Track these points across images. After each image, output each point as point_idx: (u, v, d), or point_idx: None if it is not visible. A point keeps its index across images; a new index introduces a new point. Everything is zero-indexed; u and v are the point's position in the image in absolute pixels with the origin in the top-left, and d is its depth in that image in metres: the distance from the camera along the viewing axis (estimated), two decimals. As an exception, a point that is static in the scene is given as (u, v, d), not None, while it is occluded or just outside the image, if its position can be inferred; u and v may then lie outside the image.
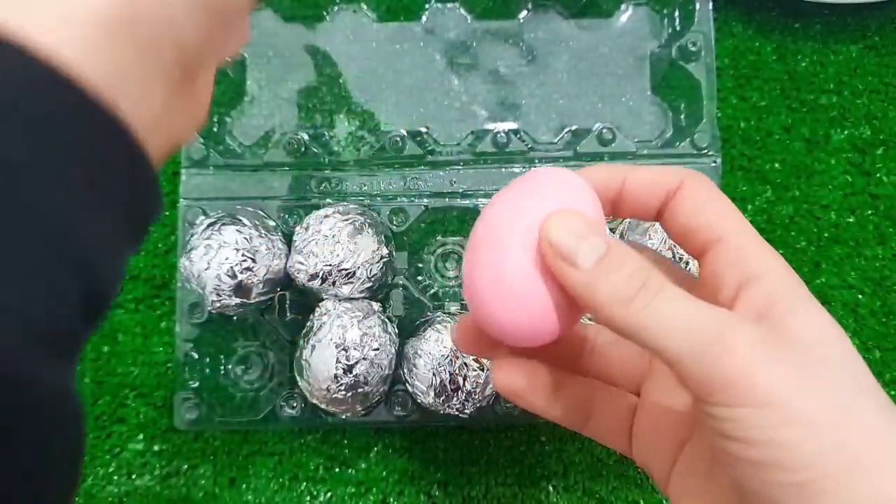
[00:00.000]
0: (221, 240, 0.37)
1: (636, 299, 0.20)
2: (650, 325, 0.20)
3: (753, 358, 0.19)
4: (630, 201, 0.25)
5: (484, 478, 0.41)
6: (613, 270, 0.21)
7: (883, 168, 0.44)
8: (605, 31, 0.44)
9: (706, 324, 0.20)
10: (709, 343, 0.20)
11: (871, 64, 0.45)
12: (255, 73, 0.44)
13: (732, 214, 0.23)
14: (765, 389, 0.19)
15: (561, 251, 0.21)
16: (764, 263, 0.22)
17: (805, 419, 0.19)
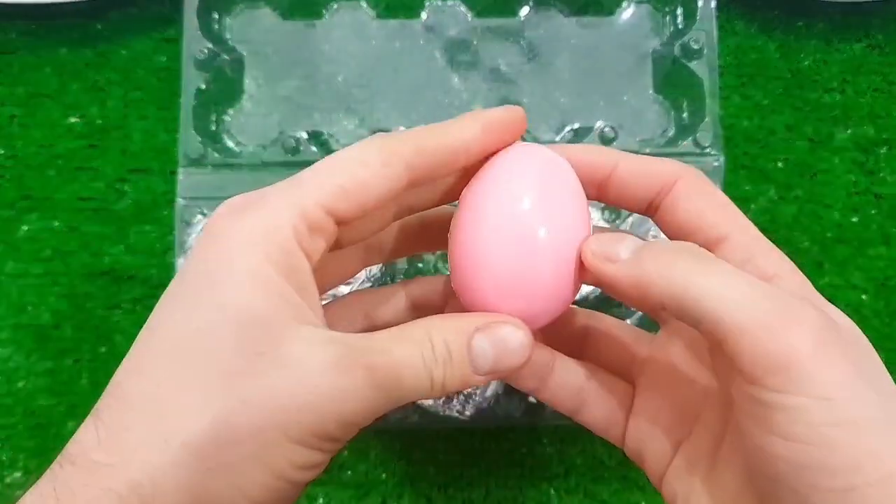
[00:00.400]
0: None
1: (688, 265, 0.20)
2: (707, 289, 0.19)
3: (818, 345, 0.18)
4: (619, 189, 0.24)
5: (484, 480, 0.41)
6: (655, 251, 0.21)
7: (887, 167, 0.44)
8: (606, 28, 0.44)
9: (770, 295, 0.19)
10: (775, 315, 0.18)
11: (874, 62, 0.45)
12: (254, 72, 0.44)
13: (735, 212, 0.23)
14: (827, 381, 0.18)
15: (602, 253, 0.21)
16: (774, 264, 0.22)
17: (857, 419, 0.18)
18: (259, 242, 0.20)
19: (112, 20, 0.45)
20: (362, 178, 0.21)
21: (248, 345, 0.19)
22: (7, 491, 0.41)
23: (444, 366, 0.21)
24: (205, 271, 0.20)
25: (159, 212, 0.43)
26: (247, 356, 0.19)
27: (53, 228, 0.43)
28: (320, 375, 0.19)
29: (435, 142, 0.22)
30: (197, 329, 0.19)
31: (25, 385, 0.42)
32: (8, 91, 0.45)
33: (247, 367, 0.19)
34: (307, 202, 0.20)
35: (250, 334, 0.19)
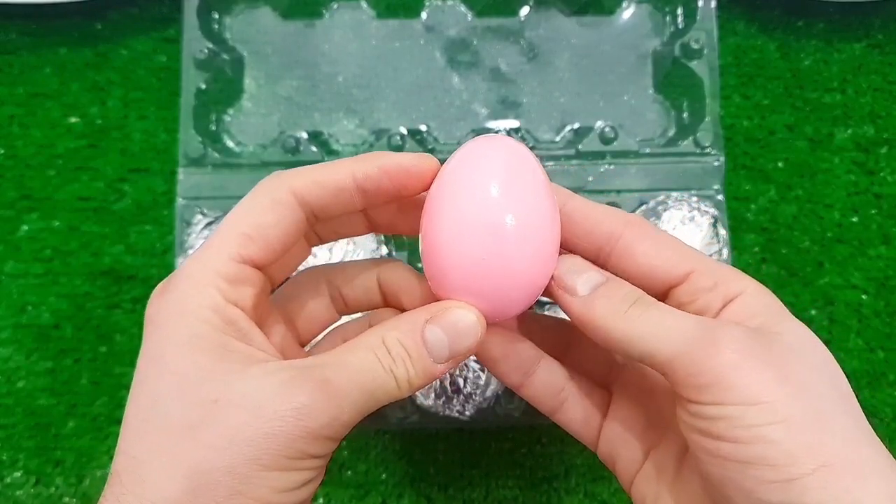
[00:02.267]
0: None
1: (629, 311, 0.22)
2: (642, 332, 0.22)
3: (741, 356, 0.20)
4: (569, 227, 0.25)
5: (484, 480, 0.41)
6: (606, 293, 0.23)
7: (887, 167, 0.44)
8: (606, 28, 0.44)
9: (695, 325, 0.21)
10: (698, 342, 0.21)
11: (874, 62, 0.45)
12: (254, 71, 0.44)
13: (692, 250, 0.24)
14: (752, 388, 0.20)
15: (562, 283, 0.23)
16: (740, 284, 0.23)
17: (788, 418, 0.19)
18: (189, 311, 0.21)
19: (112, 20, 0.45)
20: (260, 221, 0.22)
21: (200, 398, 0.20)
22: (7, 490, 0.41)
23: (404, 363, 0.22)
24: (151, 352, 0.21)
25: (159, 212, 0.43)
26: (201, 407, 0.20)
27: (54, 228, 0.43)
28: (275, 400, 0.20)
29: (325, 177, 0.23)
30: (153, 400, 0.21)
31: (25, 385, 0.42)
32: (8, 91, 0.45)
33: (204, 416, 0.20)
34: (218, 261, 0.22)
35: (200, 389, 0.20)
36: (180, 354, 0.21)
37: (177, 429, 0.20)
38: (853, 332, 0.42)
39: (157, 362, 0.21)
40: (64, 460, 0.41)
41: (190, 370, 0.21)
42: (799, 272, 0.43)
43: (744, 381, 0.20)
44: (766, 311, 0.22)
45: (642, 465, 0.26)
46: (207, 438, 0.20)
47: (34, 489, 0.41)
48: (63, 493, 0.41)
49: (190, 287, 0.22)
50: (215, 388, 0.20)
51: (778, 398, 0.20)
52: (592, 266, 0.24)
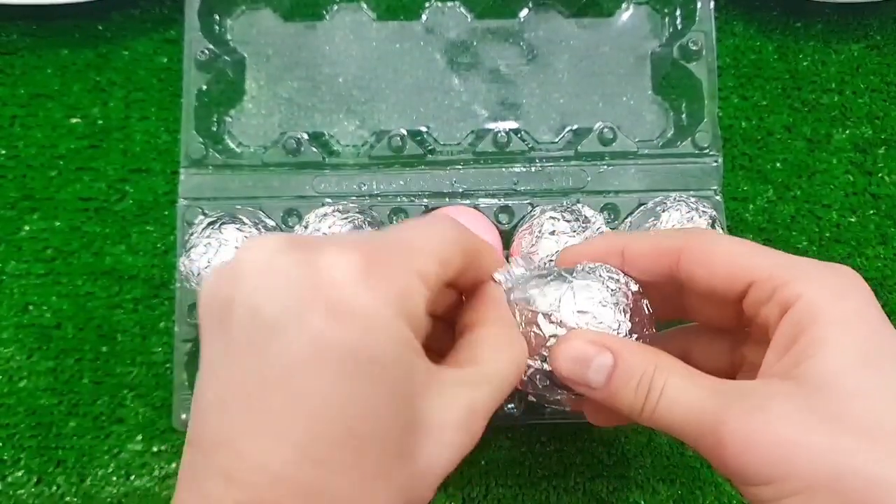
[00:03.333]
0: (222, 238, 0.37)
1: (644, 409, 0.23)
2: (664, 425, 0.23)
3: (742, 446, 0.21)
4: (634, 271, 0.26)
5: (484, 478, 0.41)
6: (622, 383, 0.23)
7: (885, 168, 0.44)
8: (605, 30, 0.44)
9: (702, 418, 0.22)
10: (708, 437, 0.21)
11: (872, 63, 0.45)
12: (255, 73, 0.44)
13: (752, 254, 0.24)
14: (761, 472, 0.20)
15: (577, 381, 0.24)
16: (799, 286, 0.22)
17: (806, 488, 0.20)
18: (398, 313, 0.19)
19: (114, 21, 0.46)
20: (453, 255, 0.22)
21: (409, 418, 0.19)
22: (9, 490, 0.41)
23: None
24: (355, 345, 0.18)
25: (161, 212, 0.44)
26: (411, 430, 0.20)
27: (55, 228, 0.44)
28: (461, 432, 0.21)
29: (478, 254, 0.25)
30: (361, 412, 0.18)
31: (27, 384, 0.42)
32: (9, 92, 0.45)
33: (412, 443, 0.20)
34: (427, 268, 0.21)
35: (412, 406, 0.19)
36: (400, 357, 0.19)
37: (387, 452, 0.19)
38: (851, 331, 0.42)
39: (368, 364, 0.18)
40: (65, 460, 0.41)
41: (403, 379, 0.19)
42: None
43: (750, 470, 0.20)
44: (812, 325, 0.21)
45: None
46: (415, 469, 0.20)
47: (35, 488, 0.41)
48: (64, 493, 0.41)
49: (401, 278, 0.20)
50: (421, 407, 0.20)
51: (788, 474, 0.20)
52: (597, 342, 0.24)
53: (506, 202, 0.40)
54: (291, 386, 0.18)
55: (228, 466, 0.18)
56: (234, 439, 0.18)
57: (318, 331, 0.18)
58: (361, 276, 0.19)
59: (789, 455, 0.20)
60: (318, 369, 0.18)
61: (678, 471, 0.40)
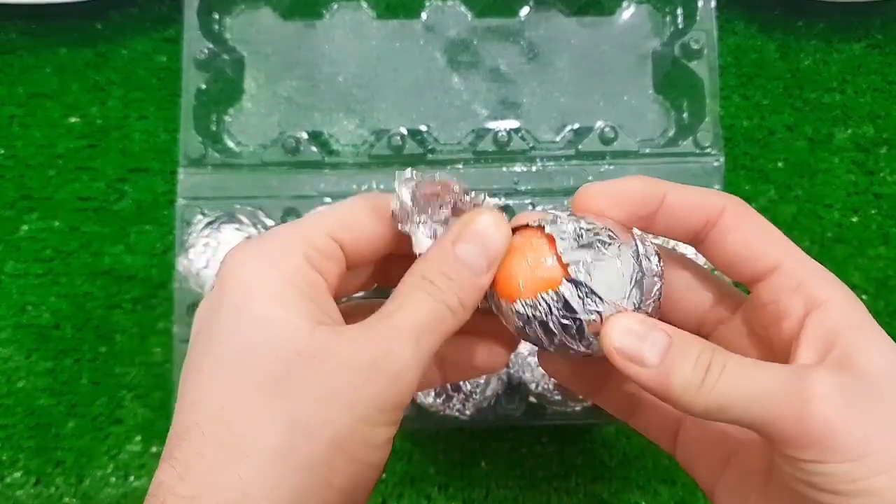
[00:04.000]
0: (220, 238, 0.37)
1: (705, 383, 0.21)
2: (726, 403, 0.21)
3: (836, 411, 0.20)
4: (666, 219, 0.25)
5: (485, 480, 0.41)
6: (679, 360, 0.21)
7: (886, 167, 0.44)
8: (606, 28, 0.44)
9: (782, 383, 0.20)
10: (789, 403, 0.20)
11: (874, 62, 0.45)
12: (254, 72, 0.44)
13: (784, 241, 0.24)
14: (853, 445, 0.19)
15: (627, 354, 0.22)
16: (826, 289, 0.22)
17: (892, 467, 0.19)
18: (276, 266, 0.22)
19: (112, 20, 0.45)
20: (359, 219, 0.23)
21: (290, 349, 0.20)
22: (7, 490, 0.41)
23: (450, 288, 0.22)
24: (231, 301, 0.21)
25: (159, 212, 0.43)
26: (294, 359, 0.20)
27: (54, 228, 0.43)
28: (363, 351, 0.21)
29: None
30: (236, 350, 0.21)
31: (26, 385, 0.42)
32: (8, 91, 0.45)
33: (297, 368, 0.20)
34: (311, 231, 0.23)
35: (290, 341, 0.21)
36: (265, 306, 0.21)
37: (268, 380, 0.20)
38: (853, 332, 0.42)
39: (238, 312, 0.21)
40: (64, 460, 0.41)
41: (277, 322, 0.21)
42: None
43: (844, 439, 0.19)
44: (852, 326, 0.22)
45: (724, 472, 0.25)
46: (303, 390, 0.20)
47: (34, 489, 0.41)
48: (63, 493, 0.41)
49: (279, 245, 0.22)
50: (305, 342, 0.20)
51: (880, 449, 0.19)
52: (647, 321, 0.22)
53: (506, 202, 0.40)
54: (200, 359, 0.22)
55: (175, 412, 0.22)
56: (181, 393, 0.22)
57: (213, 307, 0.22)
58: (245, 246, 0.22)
59: (885, 430, 0.19)
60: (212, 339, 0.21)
61: (679, 472, 0.40)
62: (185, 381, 0.22)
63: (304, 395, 0.20)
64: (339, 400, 0.20)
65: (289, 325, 0.21)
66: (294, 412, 0.20)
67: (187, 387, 0.21)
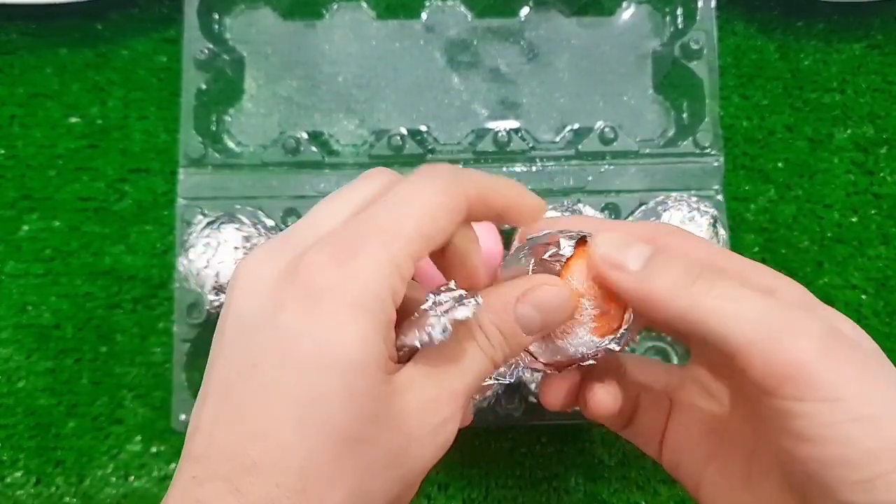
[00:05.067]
0: (221, 238, 0.37)
1: (696, 285, 0.21)
2: (714, 310, 0.20)
3: (822, 351, 0.19)
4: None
5: (484, 480, 0.41)
6: (664, 266, 0.21)
7: (886, 167, 0.44)
8: (606, 29, 0.44)
9: (771, 310, 0.20)
10: (780, 330, 0.19)
11: (874, 62, 0.45)
12: (254, 72, 0.44)
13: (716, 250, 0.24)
14: (834, 383, 0.19)
15: (610, 261, 0.22)
16: (772, 280, 0.22)
17: (869, 414, 0.19)
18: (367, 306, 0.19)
19: (112, 20, 0.46)
20: (441, 225, 0.21)
21: (367, 412, 0.19)
22: (8, 490, 0.41)
23: (501, 346, 0.22)
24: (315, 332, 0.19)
25: (160, 212, 0.43)
26: (369, 423, 0.19)
27: (54, 228, 0.43)
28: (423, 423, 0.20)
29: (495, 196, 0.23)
30: (314, 393, 0.19)
31: (26, 385, 0.42)
32: (8, 91, 0.45)
33: (370, 433, 0.19)
34: (401, 257, 0.20)
35: (369, 402, 0.19)
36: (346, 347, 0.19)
37: (344, 439, 0.19)
38: (852, 332, 0.42)
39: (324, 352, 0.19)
40: (64, 460, 0.41)
41: (356, 373, 0.19)
42: (798, 272, 0.43)
43: (825, 376, 0.19)
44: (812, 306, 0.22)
45: (707, 467, 0.25)
46: (371, 457, 0.19)
47: (34, 489, 0.41)
48: (63, 493, 0.41)
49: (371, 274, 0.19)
50: (381, 402, 0.19)
51: (859, 394, 0.19)
52: (635, 240, 0.22)
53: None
54: (262, 379, 0.19)
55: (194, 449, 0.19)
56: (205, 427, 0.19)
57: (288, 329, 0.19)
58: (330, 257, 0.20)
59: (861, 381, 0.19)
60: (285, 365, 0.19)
61: (679, 471, 0.40)
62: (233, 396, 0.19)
63: (371, 461, 0.19)
64: (401, 468, 0.20)
65: (368, 378, 0.19)
66: (361, 479, 0.19)
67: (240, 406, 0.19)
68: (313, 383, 0.19)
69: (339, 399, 0.19)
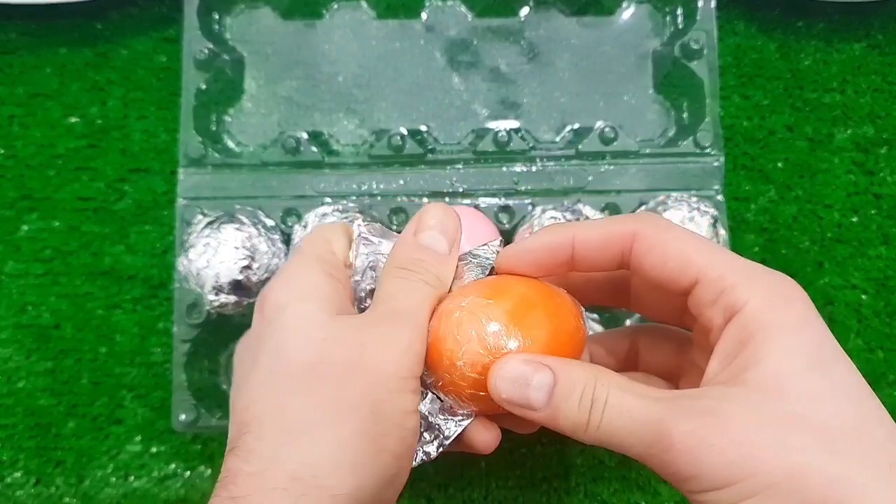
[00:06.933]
0: (221, 238, 0.37)
1: (590, 423, 0.22)
2: (609, 439, 0.22)
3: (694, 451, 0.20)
4: (584, 260, 0.25)
5: (484, 480, 0.41)
6: (564, 401, 0.22)
7: (886, 167, 0.44)
8: (606, 28, 0.44)
9: (647, 426, 0.21)
10: (655, 446, 0.21)
11: (874, 62, 0.45)
12: (254, 72, 0.44)
13: (704, 250, 0.23)
14: (717, 475, 0.20)
15: (516, 403, 0.23)
16: (744, 294, 0.22)
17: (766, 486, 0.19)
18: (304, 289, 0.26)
19: (112, 20, 0.45)
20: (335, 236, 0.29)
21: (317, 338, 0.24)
22: (7, 490, 0.41)
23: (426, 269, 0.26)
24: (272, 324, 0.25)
25: (159, 212, 0.43)
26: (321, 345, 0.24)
27: (54, 228, 0.43)
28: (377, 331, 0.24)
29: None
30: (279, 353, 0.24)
31: (26, 385, 0.42)
32: (8, 91, 0.45)
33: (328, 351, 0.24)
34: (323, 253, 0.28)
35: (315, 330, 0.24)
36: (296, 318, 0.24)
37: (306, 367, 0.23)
38: (853, 332, 0.42)
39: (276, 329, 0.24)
40: (64, 460, 0.41)
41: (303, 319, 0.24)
42: (799, 272, 0.43)
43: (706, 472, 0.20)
44: (759, 332, 0.21)
45: None
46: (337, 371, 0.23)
47: (34, 489, 0.41)
48: (63, 494, 0.41)
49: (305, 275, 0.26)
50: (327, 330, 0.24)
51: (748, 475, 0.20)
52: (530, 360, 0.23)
53: (506, 202, 0.40)
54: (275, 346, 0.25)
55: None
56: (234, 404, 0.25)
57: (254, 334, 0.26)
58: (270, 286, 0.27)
59: (747, 455, 0.20)
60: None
61: (679, 472, 0.40)
62: (236, 393, 0.25)
63: (339, 375, 0.23)
64: (368, 375, 0.23)
65: (313, 319, 0.24)
66: (335, 391, 0.23)
67: (239, 395, 0.24)
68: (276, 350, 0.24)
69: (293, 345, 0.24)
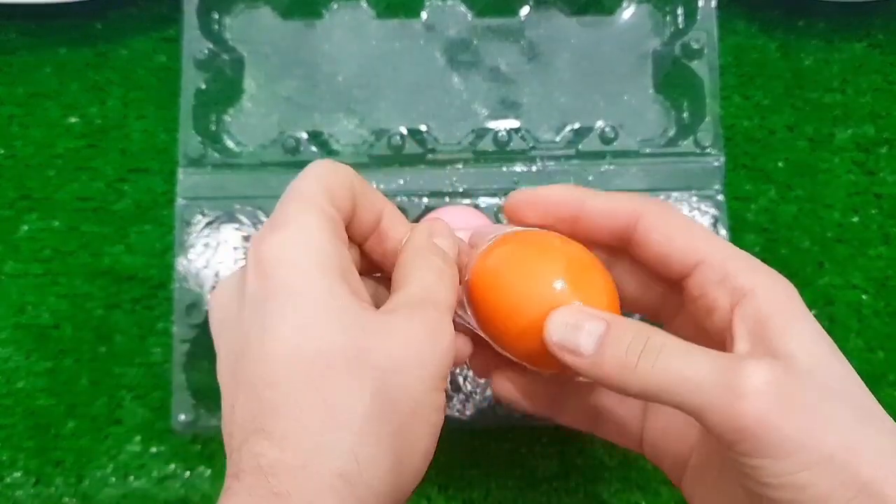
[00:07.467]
0: (220, 238, 0.37)
1: (640, 363, 0.21)
2: (661, 383, 0.21)
3: (766, 407, 0.20)
4: (588, 224, 0.26)
5: (484, 480, 0.41)
6: (612, 344, 0.22)
7: (887, 167, 0.44)
8: (607, 28, 0.44)
9: (714, 374, 0.21)
10: (720, 395, 0.20)
11: (875, 62, 0.45)
12: (253, 71, 0.44)
13: (706, 235, 0.24)
14: (785, 441, 0.20)
15: (565, 346, 0.23)
16: (750, 278, 0.23)
17: (821, 460, 0.19)
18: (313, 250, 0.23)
19: (112, 20, 0.45)
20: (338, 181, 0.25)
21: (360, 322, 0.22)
22: (7, 491, 0.41)
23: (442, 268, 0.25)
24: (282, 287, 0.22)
25: (159, 212, 0.43)
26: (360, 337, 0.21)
27: (53, 228, 0.43)
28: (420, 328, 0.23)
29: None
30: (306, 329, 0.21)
31: (25, 385, 0.42)
32: (7, 91, 0.45)
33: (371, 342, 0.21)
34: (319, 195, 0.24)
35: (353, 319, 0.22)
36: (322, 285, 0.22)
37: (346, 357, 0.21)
38: (853, 332, 0.42)
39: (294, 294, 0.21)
40: (63, 460, 0.41)
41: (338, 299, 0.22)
42: (799, 272, 0.43)
43: (775, 435, 0.20)
44: (779, 314, 0.22)
45: (686, 466, 0.26)
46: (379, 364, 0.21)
47: (34, 489, 0.41)
48: (63, 494, 0.41)
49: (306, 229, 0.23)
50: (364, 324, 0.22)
51: (809, 445, 0.20)
52: (584, 310, 0.23)
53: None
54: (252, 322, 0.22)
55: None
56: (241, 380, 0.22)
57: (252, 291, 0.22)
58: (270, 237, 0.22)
59: (810, 427, 0.20)
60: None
61: (680, 472, 0.40)
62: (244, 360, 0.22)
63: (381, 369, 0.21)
64: (411, 371, 0.21)
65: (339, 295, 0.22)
66: (375, 384, 0.21)
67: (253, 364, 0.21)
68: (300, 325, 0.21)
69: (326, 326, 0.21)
